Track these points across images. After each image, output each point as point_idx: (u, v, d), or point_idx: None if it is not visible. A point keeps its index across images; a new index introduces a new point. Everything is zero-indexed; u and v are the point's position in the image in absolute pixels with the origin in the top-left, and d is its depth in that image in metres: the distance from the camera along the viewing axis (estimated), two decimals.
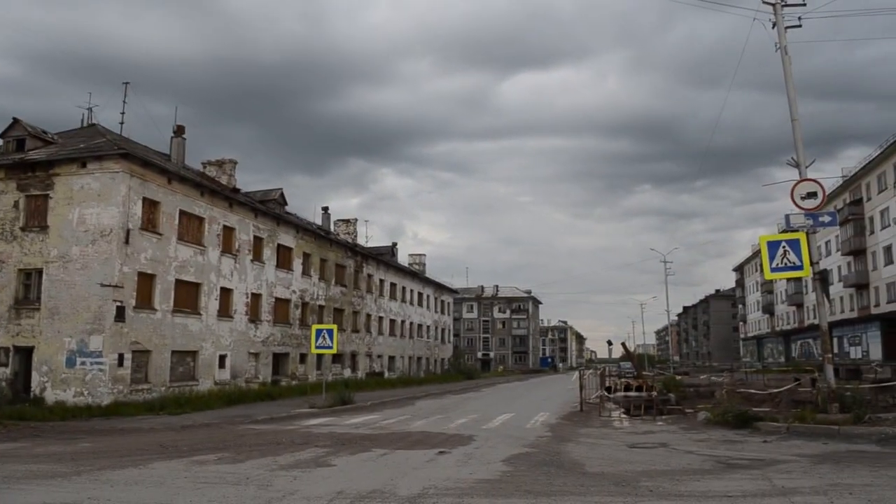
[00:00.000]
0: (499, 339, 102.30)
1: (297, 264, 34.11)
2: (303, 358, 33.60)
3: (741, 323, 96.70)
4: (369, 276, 44.20)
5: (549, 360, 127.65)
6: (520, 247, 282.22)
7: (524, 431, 15.48)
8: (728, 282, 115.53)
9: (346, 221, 44.08)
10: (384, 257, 48.22)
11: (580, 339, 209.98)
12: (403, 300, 50.90)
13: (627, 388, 21.19)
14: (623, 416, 19.04)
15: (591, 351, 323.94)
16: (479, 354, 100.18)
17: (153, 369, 22.95)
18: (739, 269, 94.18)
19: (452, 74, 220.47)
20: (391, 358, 47.26)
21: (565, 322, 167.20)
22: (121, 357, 21.53)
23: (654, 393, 19.59)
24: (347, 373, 38.84)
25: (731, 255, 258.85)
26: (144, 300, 22.87)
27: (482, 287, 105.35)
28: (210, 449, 12.50)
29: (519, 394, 35.28)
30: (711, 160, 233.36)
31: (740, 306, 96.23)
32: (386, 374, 44.65)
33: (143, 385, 22.36)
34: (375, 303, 44.96)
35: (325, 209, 43.17)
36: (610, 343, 67.17)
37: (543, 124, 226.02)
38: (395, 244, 54.57)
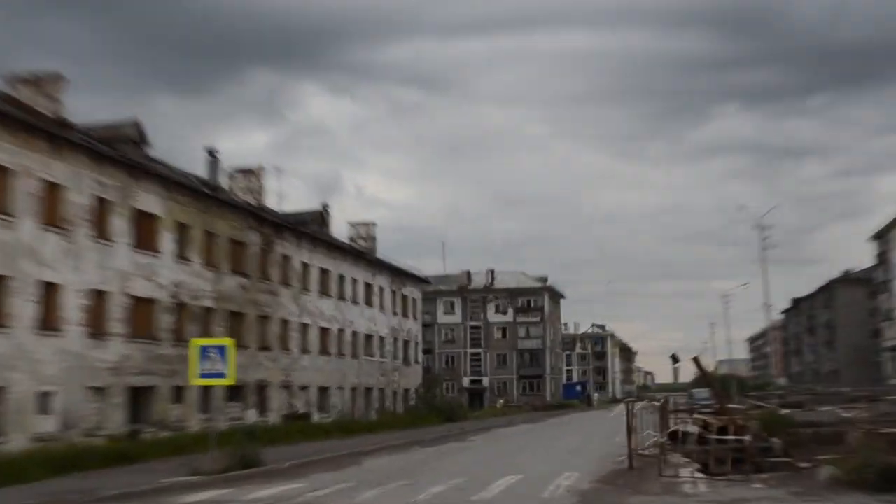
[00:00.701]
0: (497, 355, 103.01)
1: (168, 242, 33.98)
2: (179, 394, 33.62)
3: (885, 323, 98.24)
4: (286, 258, 44.17)
5: (580, 387, 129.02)
6: (528, 208, 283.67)
7: None
8: (864, 258, 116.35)
9: (248, 172, 43.84)
10: (310, 228, 48.11)
11: (627, 354, 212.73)
12: (342, 297, 50.94)
13: (705, 430, 21.41)
14: (698, 475, 19.23)
15: (646, 372, 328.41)
16: (467, 381, 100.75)
17: None
18: (882, 237, 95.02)
19: None
20: (323, 391, 47.43)
21: (603, 327, 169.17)
22: None
23: (748, 438, 19.84)
24: (252, 416, 38.95)
25: (867, 214, 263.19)
26: None
27: (469, 273, 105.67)
28: None
29: (530, 443, 35.32)
30: (834, 64, 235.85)
31: (884, 296, 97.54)
32: (315, 417, 44.79)
33: None
34: (296, 302, 44.94)
35: (213, 153, 42.83)
36: (675, 359, 67.20)
37: (564, 11, 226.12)
38: (326, 207, 54.41)
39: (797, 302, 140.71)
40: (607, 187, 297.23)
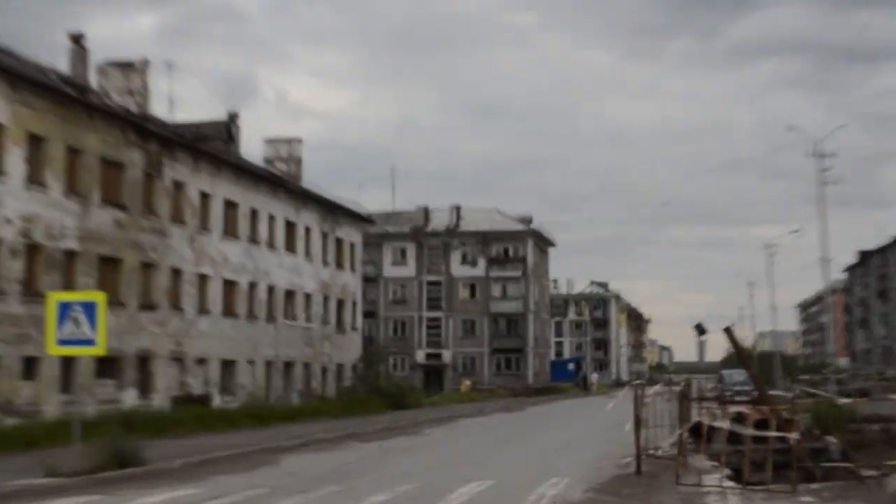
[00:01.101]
0: (463, 321, 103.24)
1: (16, 161, 33.61)
2: (31, 368, 33.51)
3: None
4: (178, 186, 43.89)
5: (573, 366, 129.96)
6: (507, 124, 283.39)
7: None
8: None
9: (128, 68, 43.30)
10: (212, 146, 47.68)
11: (638, 323, 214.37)
12: (254, 240, 50.82)
13: (738, 425, 21.68)
14: (728, 484, 19.46)
15: (662, 347, 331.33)
16: (422, 356, 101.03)
17: None
18: None
19: None
20: (227, 366, 47.50)
21: (606, 286, 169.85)
22: None
23: (796, 436, 20.05)
24: (131, 398, 38.98)
25: None
26: None
27: (426, 211, 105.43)
28: None
29: (506, 438, 35.49)
30: None
31: None
32: (216, 401, 44.85)
33: None
34: (192, 245, 44.74)
35: (79, 40, 42.18)
36: (702, 330, 67.72)
37: None
38: (234, 118, 53.81)
39: (865, 257, 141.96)
40: (614, 97, 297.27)
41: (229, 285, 47.94)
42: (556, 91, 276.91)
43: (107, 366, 37.14)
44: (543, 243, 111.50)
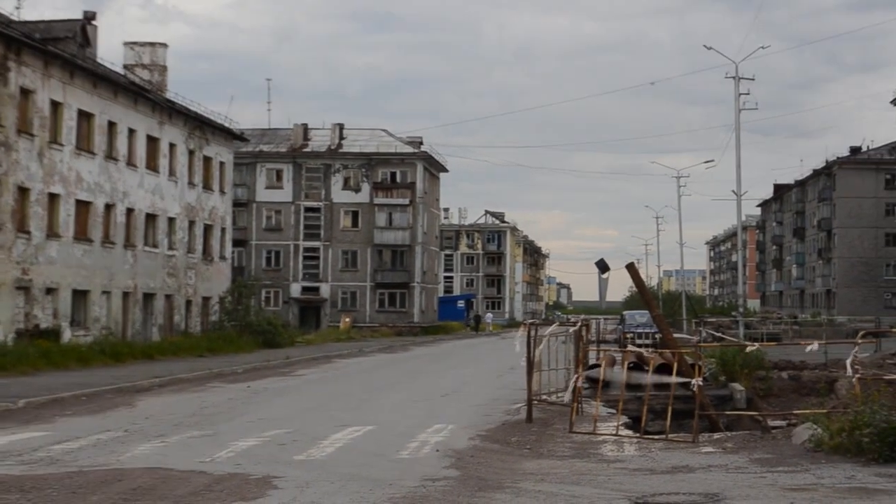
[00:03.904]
0: (344, 253, 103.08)
1: None
2: None
3: None
4: (25, 92, 43.12)
5: (463, 304, 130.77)
6: (399, 35, 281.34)
7: (395, 467, 15.86)
8: (883, 129, 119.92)
9: None
10: (64, 48, 46.78)
11: (535, 258, 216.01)
12: (111, 156, 50.12)
13: (638, 370, 22.11)
14: (625, 432, 19.85)
15: (561, 285, 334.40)
16: (297, 289, 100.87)
17: None
18: None
19: None
20: (79, 296, 47.08)
21: (501, 216, 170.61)
22: None
23: (699, 382, 20.42)
24: None
25: (892, 66, 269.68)
26: None
27: (306, 129, 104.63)
28: None
29: (388, 381, 35.89)
30: None
31: None
32: (67, 335, 44.48)
33: None
34: (41, 160, 43.98)
35: None
36: (603, 267, 68.76)
37: None
38: (90, 18, 52.76)
39: (781, 191, 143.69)
40: (519, 10, 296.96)
41: (83, 206, 47.22)
42: (455, 0, 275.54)
43: None
44: (435, 168, 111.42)
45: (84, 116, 47.46)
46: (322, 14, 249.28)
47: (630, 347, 31.52)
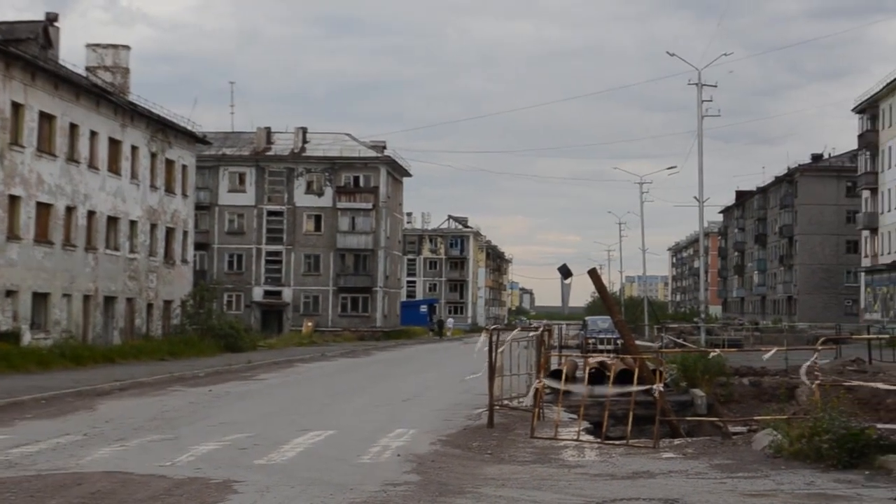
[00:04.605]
0: (306, 257, 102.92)
1: None
2: None
3: (865, 234, 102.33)
4: None
5: (426, 309, 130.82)
6: (363, 39, 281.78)
7: (356, 472, 15.89)
8: (844, 137, 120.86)
9: None
10: (26, 49, 46.60)
11: (498, 263, 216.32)
12: (73, 158, 49.88)
13: (598, 375, 22.17)
14: (587, 437, 19.91)
15: (524, 290, 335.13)
16: (259, 293, 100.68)
17: None
18: (871, 109, 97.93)
19: None
20: (39, 299, 46.89)
21: (464, 221, 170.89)
22: None
23: (660, 388, 20.52)
24: None
25: (854, 74, 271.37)
26: None
27: (269, 132, 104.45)
28: None
29: (350, 385, 35.90)
30: None
31: (866, 194, 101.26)
32: (27, 338, 44.25)
33: None
34: (1, 160, 43.71)
35: None
36: (566, 273, 69.13)
37: None
38: (52, 19, 52.57)
39: (743, 198, 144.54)
40: (483, 15, 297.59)
41: (43, 209, 47.02)
42: (419, 5, 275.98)
43: None
44: (398, 173, 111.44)
45: (45, 118, 47.26)
46: (286, 17, 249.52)
47: (589, 356, 31.62)
